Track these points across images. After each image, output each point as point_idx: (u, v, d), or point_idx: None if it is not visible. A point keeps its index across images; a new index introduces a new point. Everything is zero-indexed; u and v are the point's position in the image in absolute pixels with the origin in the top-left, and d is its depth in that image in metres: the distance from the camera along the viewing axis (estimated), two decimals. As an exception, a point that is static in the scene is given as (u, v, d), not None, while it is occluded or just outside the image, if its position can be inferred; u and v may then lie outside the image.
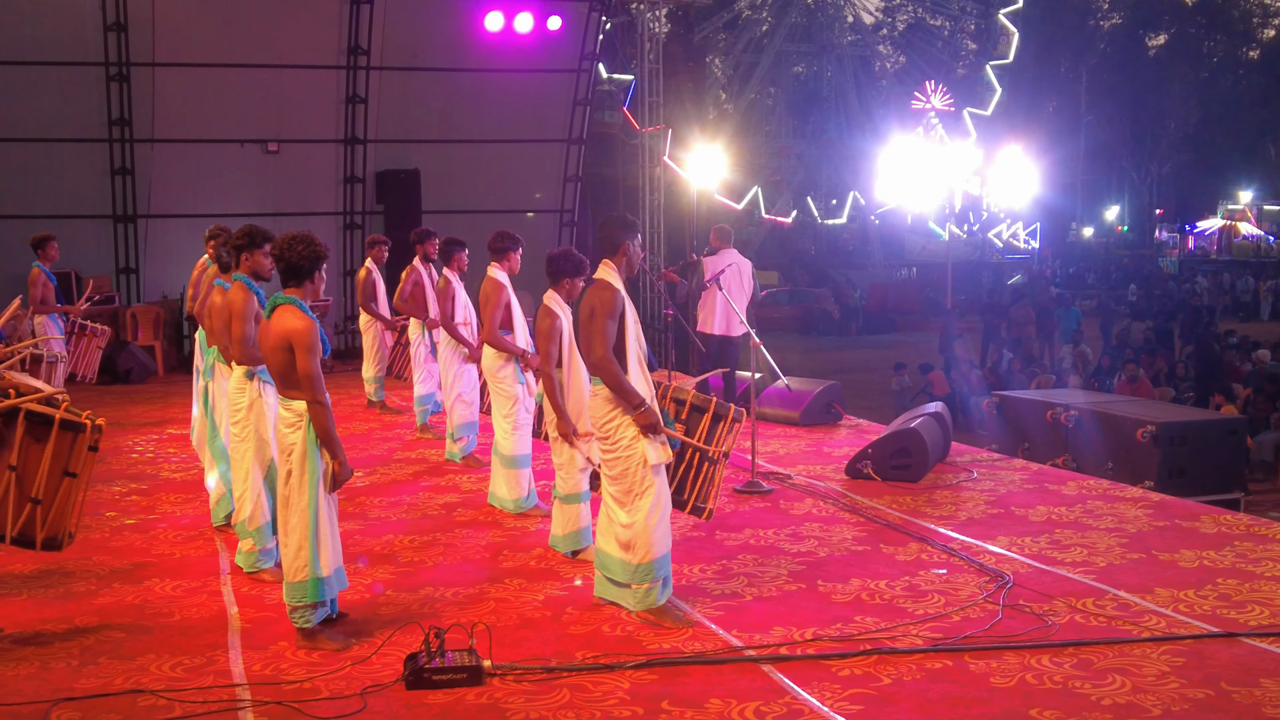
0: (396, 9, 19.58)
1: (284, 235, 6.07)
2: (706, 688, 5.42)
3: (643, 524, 6.27)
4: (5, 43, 17.79)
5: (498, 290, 8.71)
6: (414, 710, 5.20)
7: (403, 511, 8.95)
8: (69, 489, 6.03)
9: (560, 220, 21.87)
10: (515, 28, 19.94)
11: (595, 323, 6.22)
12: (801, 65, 56.62)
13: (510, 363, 8.69)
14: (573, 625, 6.33)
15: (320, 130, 19.95)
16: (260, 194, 19.36)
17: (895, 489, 9.50)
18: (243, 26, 18.87)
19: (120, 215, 19.06)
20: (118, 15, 18.21)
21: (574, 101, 21.41)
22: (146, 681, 5.55)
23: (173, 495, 9.59)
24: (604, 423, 6.36)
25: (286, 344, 5.82)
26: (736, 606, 6.60)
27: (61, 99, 18.46)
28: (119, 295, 18.66)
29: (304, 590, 5.89)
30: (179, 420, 13.13)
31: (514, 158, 21.26)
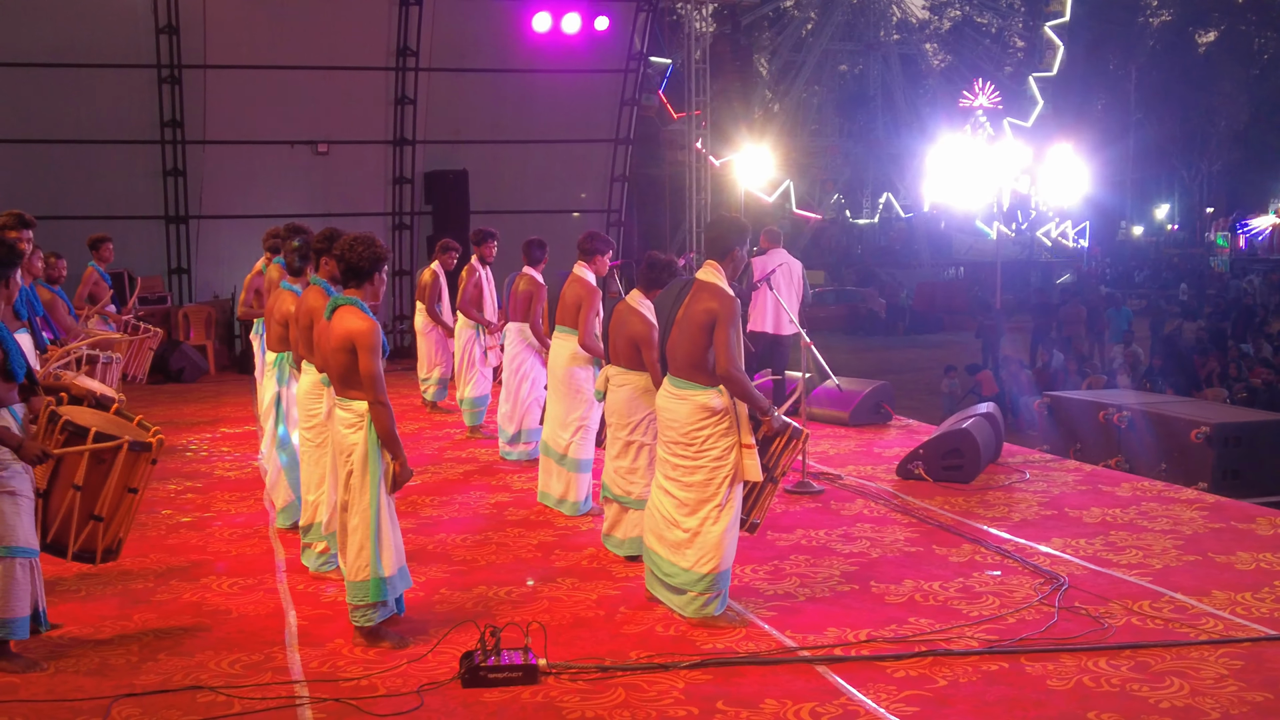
0: (445, 10, 19.68)
1: (346, 236, 6.13)
2: (761, 688, 5.42)
3: (718, 537, 6.21)
4: (60, 46, 18.02)
5: (592, 293, 8.65)
6: (470, 708, 5.23)
7: (454, 511, 8.99)
8: (130, 503, 6.09)
9: (608, 220, 21.89)
10: (562, 28, 20.00)
11: (720, 332, 6.09)
12: (847, 64, 56.45)
13: (590, 366, 8.68)
14: (626, 625, 6.34)
15: (369, 131, 20.09)
16: (310, 195, 19.51)
17: (947, 490, 9.46)
18: (293, 29, 19.03)
19: (172, 216, 19.27)
20: (170, 18, 18.40)
21: (621, 101, 21.44)
22: (206, 678, 5.60)
23: (227, 494, 9.67)
24: (691, 430, 6.25)
25: (349, 345, 5.86)
26: (789, 607, 6.59)
27: (114, 101, 18.69)
28: (171, 295, 18.85)
29: (366, 590, 5.92)
30: (231, 419, 13.27)
31: (561, 158, 21.32)
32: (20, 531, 5.67)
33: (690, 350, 6.26)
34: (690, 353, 6.26)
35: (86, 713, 5.21)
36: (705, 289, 6.27)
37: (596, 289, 8.79)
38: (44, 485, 5.85)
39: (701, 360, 6.23)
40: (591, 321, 8.62)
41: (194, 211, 19.38)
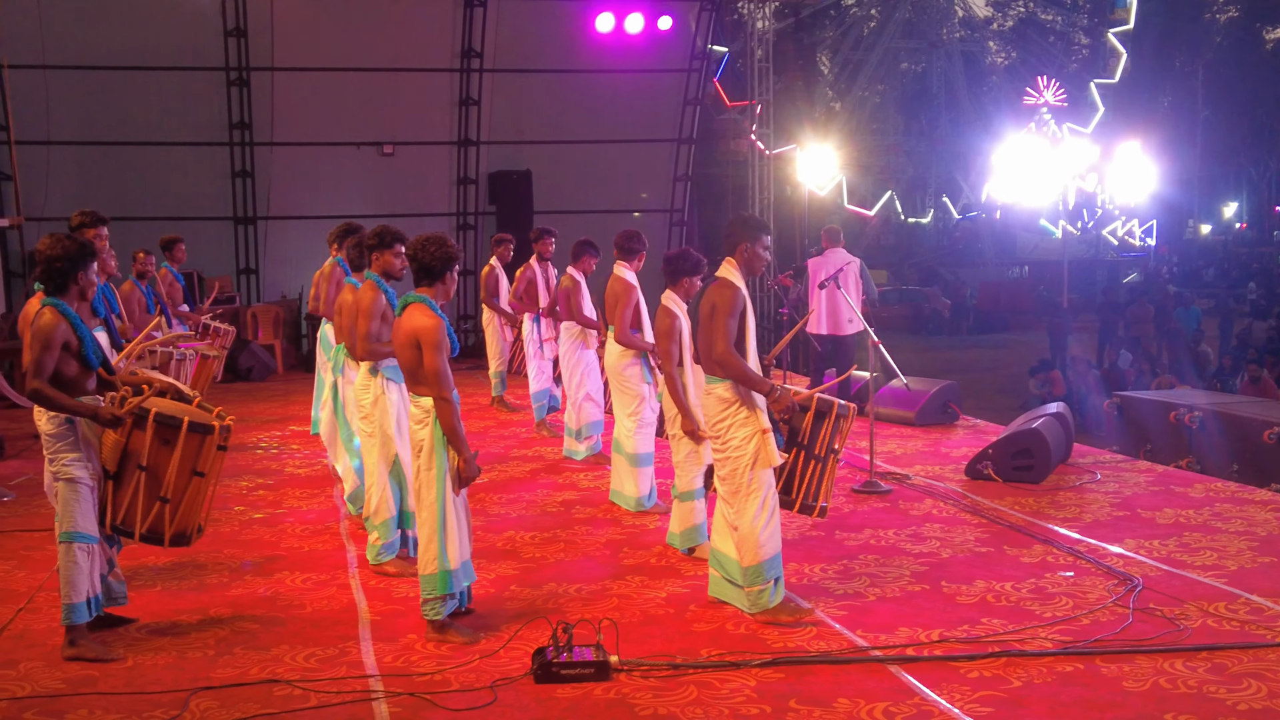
0: (509, 12, 19.78)
1: (418, 236, 6.21)
2: (834, 687, 5.41)
3: (749, 526, 6.26)
4: (131, 49, 18.30)
5: (628, 289, 8.79)
6: (543, 704, 5.26)
7: (522, 508, 9.04)
8: (198, 487, 6.15)
9: (670, 220, 21.90)
10: (625, 28, 20.05)
11: (716, 320, 6.23)
12: (910, 62, 56.02)
13: (638, 362, 8.76)
14: (696, 622, 6.35)
15: (434, 132, 20.24)
16: (376, 195, 19.67)
17: (1017, 490, 9.38)
18: (359, 31, 19.21)
19: (241, 217, 19.51)
20: (238, 21, 18.64)
21: (684, 101, 21.44)
22: (281, 672, 5.67)
23: (298, 490, 9.79)
24: (716, 422, 6.36)
25: (415, 341, 5.94)
26: (860, 606, 6.57)
27: (184, 103, 18.96)
28: (239, 295, 19.09)
29: (434, 582, 5.98)
30: (300, 417, 13.39)
31: (624, 158, 21.35)
32: (80, 518, 5.83)
33: (705, 344, 6.38)
34: (705, 347, 6.39)
35: (165, 705, 5.29)
36: (715, 283, 6.42)
37: (634, 286, 8.89)
38: (114, 468, 5.95)
39: (712, 354, 6.31)
40: (627, 317, 8.74)
41: (262, 212, 19.62)
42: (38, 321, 5.74)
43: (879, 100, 54.66)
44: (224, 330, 12.60)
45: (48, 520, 8.43)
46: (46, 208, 17.88)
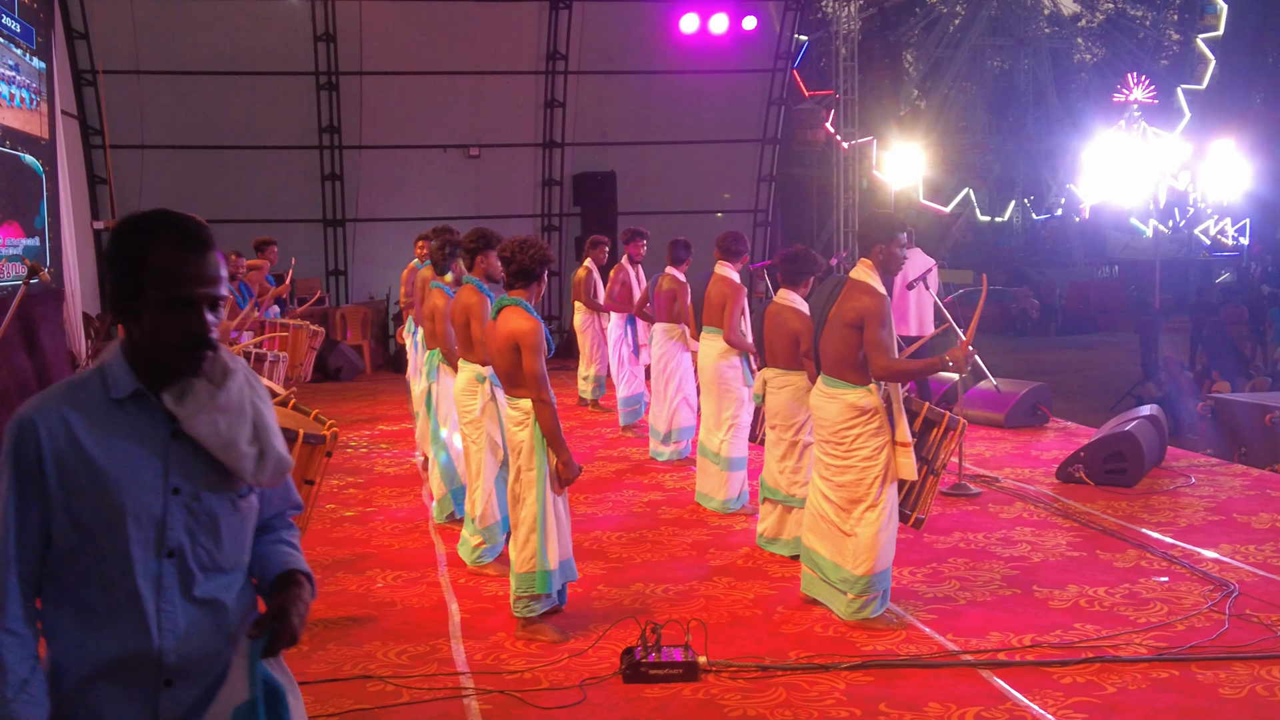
0: (594, 14, 19.85)
1: (513, 239, 6.26)
2: (924, 691, 5.37)
3: (871, 538, 6.20)
4: (223, 54, 18.62)
5: (737, 290, 8.75)
6: (632, 703, 5.27)
7: (609, 509, 9.07)
8: (306, 495, 6.24)
9: (754, 220, 21.84)
10: (710, 29, 20.02)
11: (869, 332, 6.07)
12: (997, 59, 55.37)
13: (740, 363, 8.73)
14: (784, 624, 6.33)
15: (520, 134, 20.37)
16: (461, 198, 19.85)
17: (1109, 494, 9.25)
18: (446, 35, 19.37)
19: (330, 219, 19.78)
20: (327, 26, 18.88)
21: (768, 101, 21.37)
22: (374, 668, 5.75)
23: (388, 489, 9.90)
24: (841, 429, 6.26)
25: (513, 344, 5.98)
26: (950, 610, 6.52)
27: (275, 108, 19.25)
28: (328, 297, 19.35)
29: (531, 581, 6.02)
30: (389, 417, 13.58)
31: (708, 158, 21.32)
32: None
33: (840, 349, 6.26)
34: (840, 351, 6.26)
35: (261, 699, 5.36)
36: (856, 287, 6.26)
37: (741, 286, 8.86)
38: None
39: (851, 359, 6.22)
40: (737, 318, 8.68)
41: (350, 215, 19.87)
42: None
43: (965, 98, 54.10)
44: (314, 330, 12.78)
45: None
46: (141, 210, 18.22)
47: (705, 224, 20.31)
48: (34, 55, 12.62)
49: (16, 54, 12.04)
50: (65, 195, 13.72)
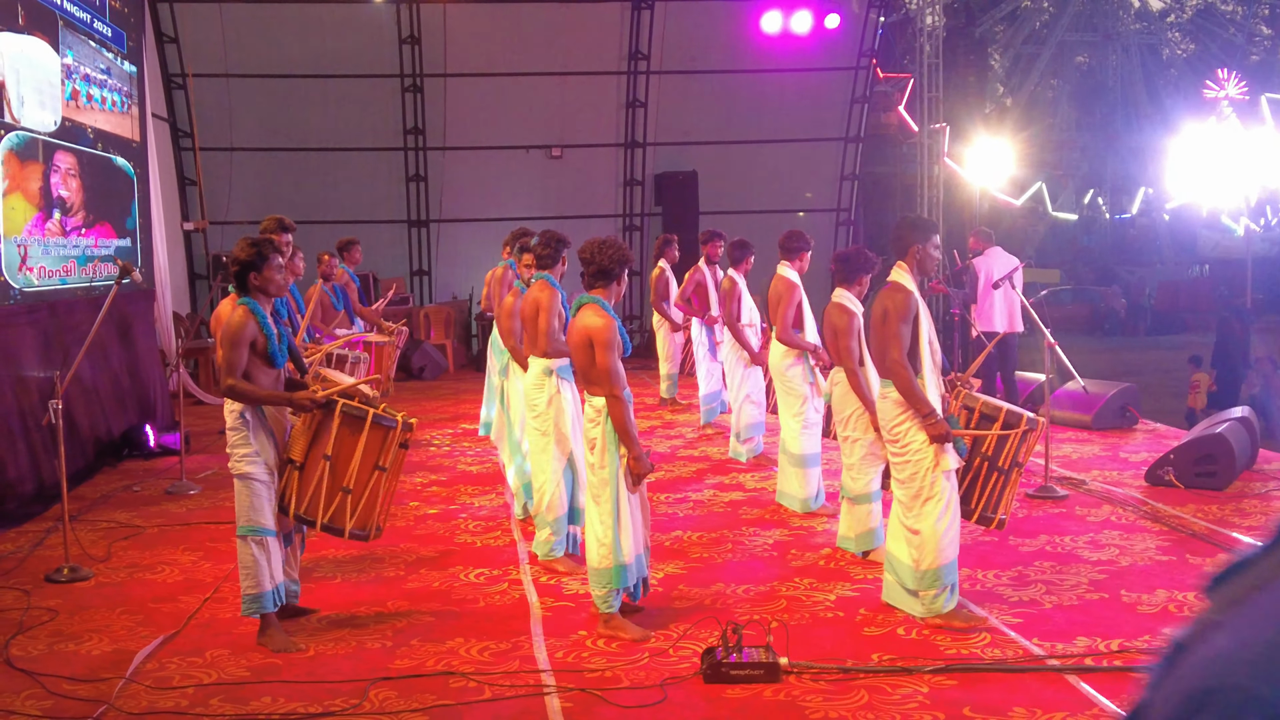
0: (676, 13, 19.87)
1: (592, 240, 6.31)
2: (1009, 695, 5.29)
3: (930, 530, 6.17)
4: (310, 58, 18.90)
5: (791, 289, 8.76)
6: (713, 704, 5.26)
7: (689, 508, 9.06)
8: (379, 482, 6.30)
9: (837, 219, 21.72)
10: (792, 28, 19.96)
11: (888, 326, 6.16)
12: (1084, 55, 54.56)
13: (800, 361, 8.73)
14: (866, 626, 6.28)
15: (601, 135, 20.44)
16: (543, 198, 19.96)
17: (1199, 497, 9.07)
18: (529, 36, 19.51)
19: (414, 220, 19.98)
20: (413, 29, 19.08)
21: (851, 99, 21.24)
22: (456, 664, 5.78)
23: (470, 486, 9.97)
24: (893, 425, 6.29)
25: (588, 340, 6.02)
26: (1036, 614, 6.42)
27: (361, 110, 19.50)
28: (412, 296, 19.54)
29: (607, 576, 6.04)
30: (472, 416, 13.66)
31: (790, 157, 21.25)
32: (253, 512, 6.04)
33: (879, 348, 6.32)
34: (879, 350, 6.32)
35: (345, 694, 5.43)
36: (887, 286, 6.36)
37: (796, 285, 8.84)
38: (300, 458, 6.13)
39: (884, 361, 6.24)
40: (788, 317, 8.70)
41: (434, 215, 20.07)
42: (229, 321, 5.98)
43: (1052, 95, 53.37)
44: (398, 330, 12.91)
45: (233, 513, 8.80)
46: (229, 212, 18.60)
47: (788, 223, 20.19)
48: (125, 59, 12.87)
49: (108, 58, 12.29)
50: (156, 197, 13.99)
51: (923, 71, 20.72)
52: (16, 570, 7.54)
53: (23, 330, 9.62)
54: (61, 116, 10.88)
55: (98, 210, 11.77)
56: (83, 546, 7.94)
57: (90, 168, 11.57)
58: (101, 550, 7.97)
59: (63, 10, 10.91)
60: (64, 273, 10.88)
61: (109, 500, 9.61)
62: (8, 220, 9.71)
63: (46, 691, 5.47)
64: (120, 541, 8.24)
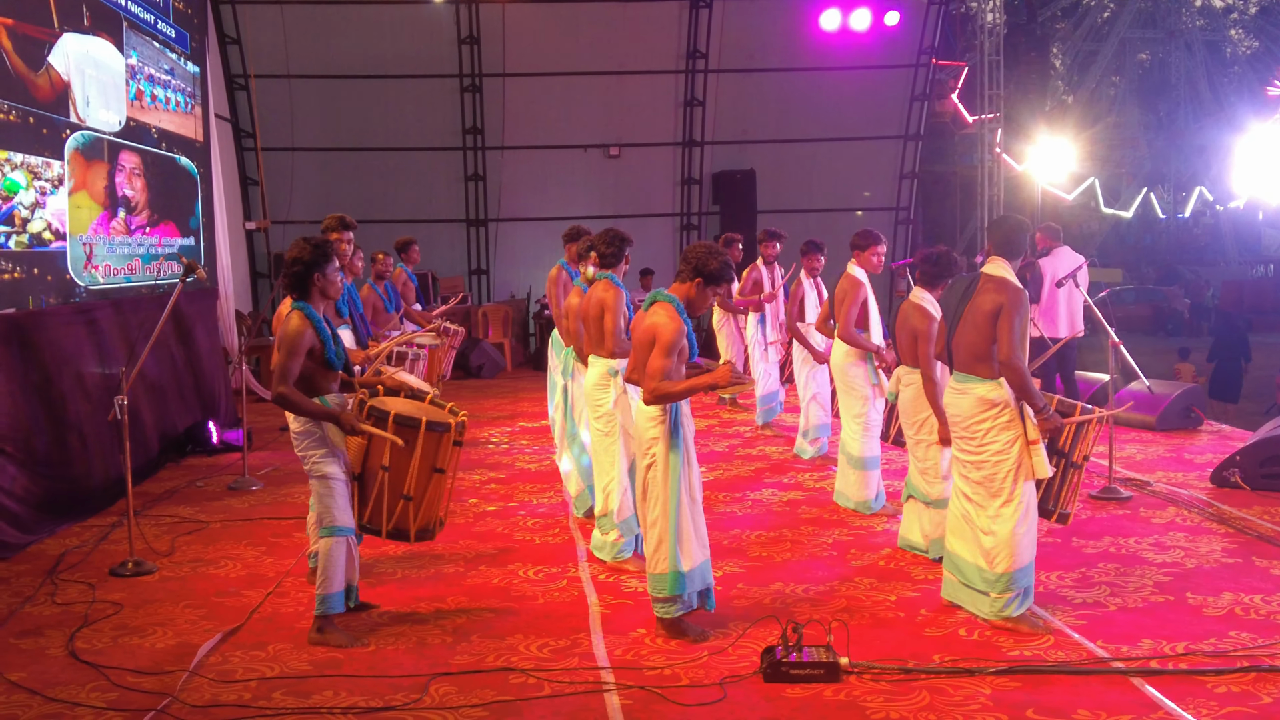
0: (734, 12, 19.82)
1: (703, 243, 6.29)
2: (1073, 698, 5.23)
3: (1008, 533, 6.09)
4: (370, 58, 19.04)
5: (855, 287, 8.67)
6: (773, 703, 5.23)
7: (748, 507, 9.03)
8: (438, 483, 6.32)
9: (895, 218, 21.57)
10: (851, 25, 19.86)
11: (1004, 322, 5.99)
12: (1146, 52, 53.91)
13: (863, 362, 8.65)
14: (927, 627, 6.22)
15: (659, 134, 20.44)
16: (601, 197, 20.00)
17: (1266, 499, 8.91)
18: (587, 36, 19.55)
19: (472, 219, 20.08)
20: (471, 29, 19.18)
21: (911, 97, 21.09)
22: (516, 660, 5.79)
23: (528, 485, 10.00)
24: (973, 423, 6.18)
25: (652, 339, 5.97)
26: (1100, 616, 6.34)
27: (419, 110, 19.63)
28: (470, 295, 19.63)
29: (664, 582, 6.01)
30: (530, 414, 13.73)
31: (848, 156, 21.14)
32: (336, 512, 6.07)
33: (974, 342, 6.19)
34: (974, 345, 6.19)
35: (406, 689, 5.45)
36: (993, 281, 6.19)
37: (860, 283, 8.73)
38: (358, 469, 6.17)
39: (985, 353, 6.15)
40: (852, 315, 8.60)
41: (492, 214, 20.14)
42: (285, 327, 5.97)
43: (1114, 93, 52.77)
44: (454, 330, 12.98)
45: (294, 509, 8.91)
46: (291, 211, 18.78)
47: (845, 222, 20.12)
48: (188, 60, 13.03)
49: (172, 58, 12.44)
50: (219, 196, 14.15)
51: (983, 68, 20.57)
52: (82, 564, 7.64)
53: (88, 328, 9.75)
54: (126, 116, 11.03)
55: (162, 209, 11.92)
56: (147, 541, 8.05)
57: (154, 167, 11.72)
58: (165, 545, 8.07)
59: (127, 11, 11.05)
60: (128, 271, 11.03)
61: (173, 495, 9.72)
62: (74, 219, 9.85)
63: (111, 684, 5.54)
64: (184, 536, 8.34)
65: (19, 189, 8.90)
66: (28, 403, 8.58)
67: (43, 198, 9.27)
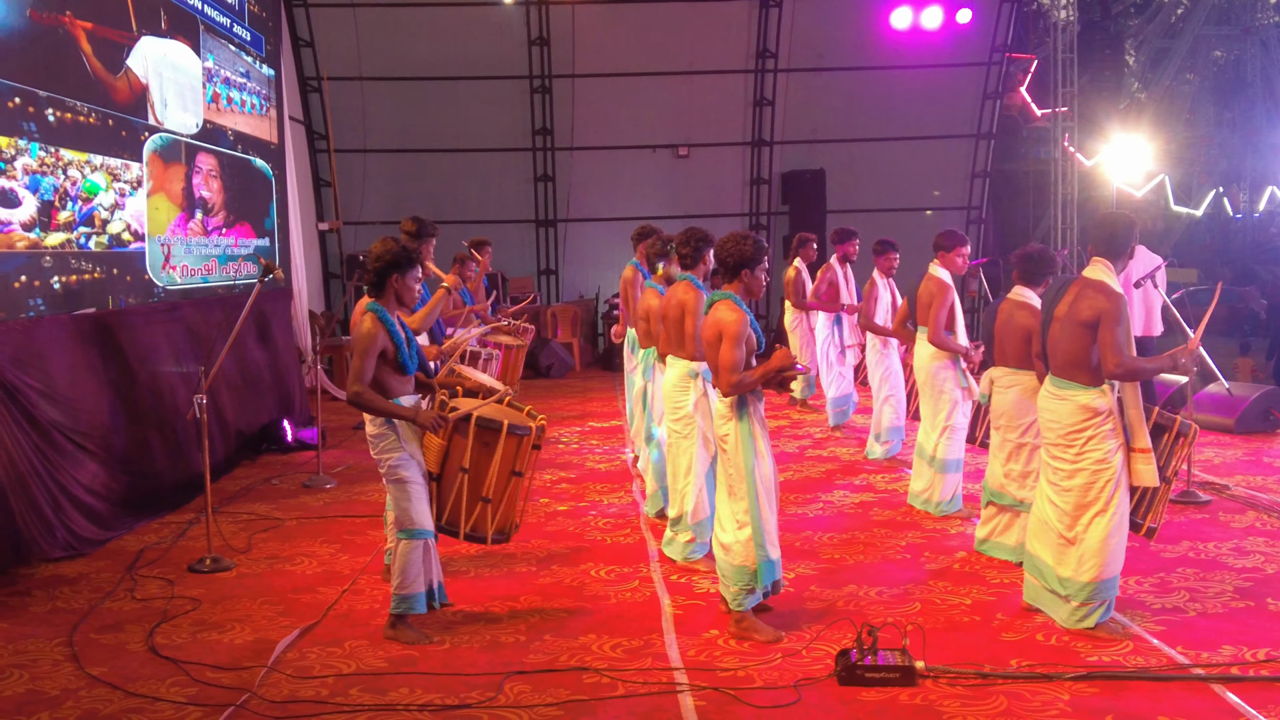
0: (804, 11, 19.73)
1: (726, 235, 6.28)
2: (1152, 704, 5.15)
3: (1099, 542, 6.00)
4: (441, 60, 19.16)
5: (943, 289, 8.56)
6: (848, 706, 5.20)
7: (819, 509, 8.99)
8: (516, 486, 6.36)
9: (967, 217, 21.36)
10: (922, 23, 19.69)
11: (1105, 333, 5.86)
12: (1221, 49, 53.01)
13: (952, 365, 8.53)
14: (1004, 631, 6.16)
15: (728, 133, 20.39)
16: (670, 197, 19.98)
17: (1350, 503, 8.75)
18: (656, 36, 19.53)
19: (542, 220, 20.14)
20: (541, 31, 19.24)
21: (983, 95, 20.87)
22: (590, 660, 5.80)
23: (599, 484, 10.01)
24: (1072, 431, 6.07)
25: (719, 336, 6.00)
26: (1179, 622, 6.25)
27: (489, 111, 19.71)
28: (539, 296, 19.71)
29: (748, 574, 6.03)
30: (599, 414, 13.75)
31: (919, 155, 20.94)
32: (414, 515, 6.10)
33: (1071, 349, 6.06)
34: (1071, 351, 6.06)
35: (480, 686, 5.48)
36: (1091, 286, 6.04)
37: (948, 285, 8.63)
38: (437, 470, 6.21)
39: (1083, 359, 6.01)
40: (941, 318, 8.49)
41: (561, 215, 20.20)
42: (358, 329, 6.04)
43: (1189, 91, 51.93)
44: (524, 329, 13.04)
45: (369, 507, 8.99)
46: (363, 212, 18.96)
47: (915, 222, 19.98)
48: (263, 63, 13.19)
49: (247, 61, 12.59)
50: (293, 197, 14.31)
51: (1056, 65, 20.32)
52: (161, 560, 7.76)
53: (166, 327, 9.91)
54: (203, 119, 11.18)
55: (238, 210, 12.07)
56: (224, 538, 8.15)
57: (230, 169, 11.87)
58: (242, 542, 8.17)
59: (203, 15, 11.21)
60: (205, 271, 11.18)
61: (249, 493, 9.84)
62: (152, 220, 10.00)
63: (190, 679, 5.62)
64: (260, 533, 8.44)
65: (99, 190, 9.05)
66: (108, 401, 8.72)
67: (122, 199, 9.43)
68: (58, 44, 8.51)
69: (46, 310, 8.24)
